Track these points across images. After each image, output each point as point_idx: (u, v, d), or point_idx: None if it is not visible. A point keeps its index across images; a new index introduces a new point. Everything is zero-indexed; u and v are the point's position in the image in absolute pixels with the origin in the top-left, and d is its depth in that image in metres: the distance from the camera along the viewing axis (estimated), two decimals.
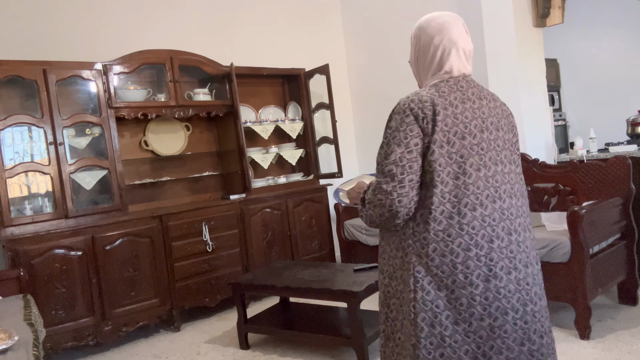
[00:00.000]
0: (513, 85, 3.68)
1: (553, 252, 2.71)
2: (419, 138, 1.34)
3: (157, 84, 3.83)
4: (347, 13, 5.22)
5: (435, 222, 1.34)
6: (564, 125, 6.17)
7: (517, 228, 1.40)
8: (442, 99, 1.38)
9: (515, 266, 1.38)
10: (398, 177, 1.34)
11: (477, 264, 1.33)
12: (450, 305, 1.34)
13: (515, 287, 1.36)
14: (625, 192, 3.00)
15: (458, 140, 1.35)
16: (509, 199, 1.41)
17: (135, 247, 3.36)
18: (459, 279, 1.33)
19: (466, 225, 1.34)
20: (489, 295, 1.33)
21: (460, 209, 1.34)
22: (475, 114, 1.40)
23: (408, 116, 1.36)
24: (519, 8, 3.67)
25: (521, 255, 1.40)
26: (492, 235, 1.35)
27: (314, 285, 2.73)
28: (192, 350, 3.13)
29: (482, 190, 1.36)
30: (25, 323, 2.03)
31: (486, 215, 1.35)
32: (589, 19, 6.01)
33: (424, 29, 1.47)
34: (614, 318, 2.87)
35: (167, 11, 4.11)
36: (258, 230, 3.98)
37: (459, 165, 1.35)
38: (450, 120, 1.35)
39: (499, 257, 1.35)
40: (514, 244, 1.38)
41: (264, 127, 4.30)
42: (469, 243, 1.34)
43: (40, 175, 3.25)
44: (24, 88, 3.26)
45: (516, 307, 1.36)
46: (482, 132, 1.39)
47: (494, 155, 1.40)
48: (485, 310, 1.33)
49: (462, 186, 1.35)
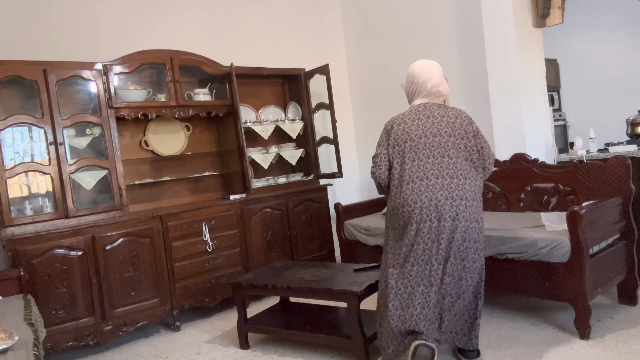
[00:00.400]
0: (513, 85, 3.69)
1: (553, 252, 2.71)
2: (386, 142, 2.47)
3: (157, 84, 3.83)
4: (347, 13, 5.23)
5: (392, 188, 2.44)
6: (563, 125, 6.17)
7: (439, 197, 2.31)
8: (399, 119, 2.47)
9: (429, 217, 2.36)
10: (378, 164, 2.48)
11: (404, 214, 2.36)
12: (394, 231, 2.44)
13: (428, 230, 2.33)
14: (625, 192, 3.01)
15: (402, 143, 2.40)
16: (434, 179, 2.33)
17: (136, 247, 3.37)
18: (397, 221, 2.41)
19: (403, 192, 2.37)
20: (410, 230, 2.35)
21: (401, 183, 2.38)
22: (419, 127, 2.39)
23: (385, 130, 2.51)
24: (518, 8, 3.67)
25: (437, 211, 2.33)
26: (416, 199, 2.33)
27: (314, 285, 2.73)
28: (192, 350, 3.13)
29: (414, 172, 2.35)
30: (25, 323, 2.03)
31: (415, 188, 2.34)
32: (589, 19, 6.01)
33: (408, 75, 2.54)
34: (614, 318, 2.87)
35: (167, 11, 4.11)
36: (258, 230, 3.98)
37: (401, 158, 2.40)
38: (400, 132, 2.42)
39: (420, 212, 2.32)
40: (433, 206, 2.30)
41: (264, 127, 4.30)
42: (403, 202, 2.36)
43: (41, 175, 3.25)
44: (24, 88, 3.26)
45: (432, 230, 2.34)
46: (420, 138, 2.38)
47: (427, 152, 2.36)
48: (410, 234, 2.35)
49: (402, 170, 2.39)
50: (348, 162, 5.16)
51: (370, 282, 2.67)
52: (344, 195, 5.05)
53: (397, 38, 4.71)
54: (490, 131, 3.91)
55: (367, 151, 5.22)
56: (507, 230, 3.00)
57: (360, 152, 5.31)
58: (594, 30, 6.07)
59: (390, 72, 4.83)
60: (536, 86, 3.80)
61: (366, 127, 5.20)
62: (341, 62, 5.26)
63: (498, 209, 3.74)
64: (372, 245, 3.76)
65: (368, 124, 5.16)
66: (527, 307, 3.19)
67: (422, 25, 4.46)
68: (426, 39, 4.44)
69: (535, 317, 3.02)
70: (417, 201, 2.31)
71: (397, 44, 4.72)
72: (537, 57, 3.83)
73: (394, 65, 4.78)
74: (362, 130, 5.25)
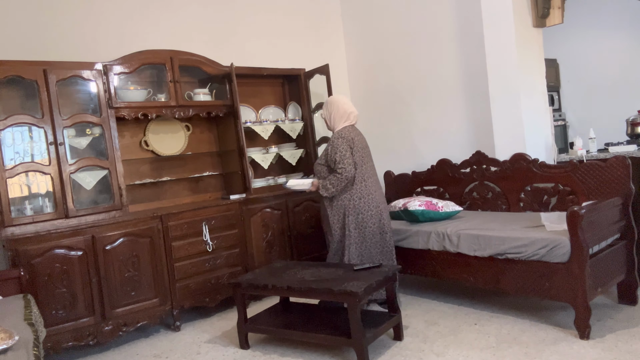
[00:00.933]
0: (513, 85, 3.69)
1: (553, 252, 2.71)
2: (350, 150, 3.23)
3: (157, 84, 3.83)
4: (347, 13, 5.23)
5: (357, 183, 3.25)
6: (563, 125, 6.17)
7: (377, 189, 3.32)
8: (351, 134, 3.30)
9: (380, 201, 3.33)
10: (349, 165, 3.19)
11: (371, 200, 3.26)
12: (357, 219, 3.25)
13: (380, 212, 3.29)
14: (625, 192, 3.01)
15: (356, 152, 3.26)
16: (369, 178, 3.29)
17: (136, 247, 3.37)
18: (361, 209, 3.25)
19: (364, 188, 3.25)
20: (370, 214, 3.26)
21: (362, 180, 3.26)
22: (360, 142, 3.33)
23: (344, 140, 3.24)
24: (518, 8, 3.67)
25: (380, 199, 3.32)
26: (375, 189, 3.30)
27: (314, 285, 2.73)
28: (192, 350, 3.13)
29: (364, 173, 3.27)
30: (25, 323, 2.03)
31: (369, 184, 3.28)
32: (589, 19, 6.01)
33: (336, 105, 3.41)
34: (614, 318, 2.87)
35: (167, 11, 4.11)
36: (258, 230, 3.98)
37: (358, 161, 3.25)
38: (356, 143, 3.28)
39: (380, 198, 3.32)
40: (379, 196, 3.31)
41: (264, 127, 4.30)
42: (369, 191, 3.26)
43: (41, 175, 3.25)
44: (24, 88, 3.26)
45: (380, 220, 3.30)
46: (363, 149, 3.31)
47: (366, 159, 3.32)
48: (369, 221, 3.26)
49: (362, 170, 3.26)
50: None
51: (370, 282, 2.67)
52: None
53: (397, 38, 4.71)
54: (490, 131, 3.91)
55: None
56: (507, 230, 3.00)
57: None
58: (594, 30, 6.06)
59: (390, 72, 4.83)
60: (536, 86, 3.80)
61: (366, 127, 5.19)
62: (341, 62, 5.26)
63: (498, 209, 3.74)
64: None
65: (368, 124, 5.16)
66: (527, 307, 3.20)
67: (422, 25, 4.46)
68: (426, 39, 4.44)
69: (535, 317, 3.02)
70: (376, 190, 3.32)
71: (397, 44, 4.72)
72: (537, 57, 3.83)
73: (394, 65, 4.78)
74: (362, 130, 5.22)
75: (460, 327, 3.00)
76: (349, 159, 3.18)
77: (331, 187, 3.21)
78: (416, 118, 4.66)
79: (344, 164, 3.16)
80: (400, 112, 4.80)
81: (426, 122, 4.57)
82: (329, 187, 3.21)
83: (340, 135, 3.26)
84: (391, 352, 2.77)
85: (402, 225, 3.61)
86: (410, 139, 4.74)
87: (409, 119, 4.72)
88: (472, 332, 2.91)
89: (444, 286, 3.81)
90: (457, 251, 3.21)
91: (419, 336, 2.94)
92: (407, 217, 3.64)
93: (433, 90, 4.47)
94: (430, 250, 3.39)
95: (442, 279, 3.38)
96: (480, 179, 3.85)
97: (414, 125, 4.69)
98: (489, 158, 3.79)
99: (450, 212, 3.56)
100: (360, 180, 3.24)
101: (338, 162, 3.18)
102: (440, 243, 3.30)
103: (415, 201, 3.61)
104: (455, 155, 4.15)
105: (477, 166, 3.87)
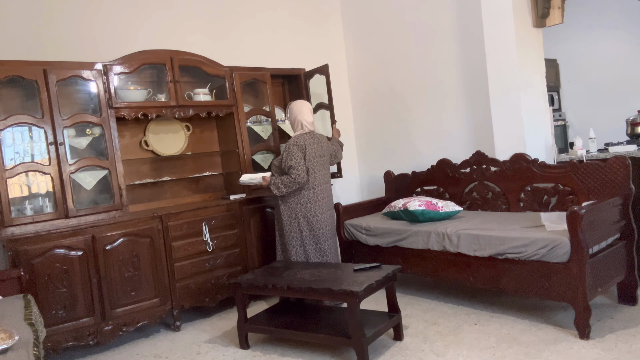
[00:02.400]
0: (513, 85, 3.69)
1: (553, 252, 2.71)
2: (303, 157, 3.44)
3: (157, 84, 3.83)
4: (347, 13, 5.23)
5: (307, 189, 3.48)
6: (563, 125, 6.18)
7: (325, 197, 3.55)
8: (306, 141, 3.48)
9: (326, 207, 3.59)
10: (301, 171, 3.40)
11: (320, 207, 3.51)
12: (308, 223, 3.50)
13: (327, 217, 3.57)
14: (625, 192, 3.01)
15: (312, 159, 3.47)
16: (322, 185, 3.54)
17: (136, 247, 3.37)
18: (311, 212, 3.50)
19: (314, 194, 3.49)
20: (319, 218, 3.51)
21: (314, 186, 3.50)
22: (317, 150, 3.52)
23: (298, 147, 3.44)
24: (518, 8, 3.67)
25: (329, 204, 3.61)
26: (318, 197, 3.51)
27: (314, 285, 2.73)
28: (192, 350, 3.13)
29: (316, 179, 3.50)
30: (25, 323, 2.03)
31: (318, 191, 3.51)
32: (589, 19, 6.01)
33: (296, 110, 3.60)
34: (614, 318, 2.87)
35: (167, 11, 4.11)
36: (258, 230, 3.98)
37: (309, 168, 3.46)
38: (310, 151, 3.47)
39: (328, 204, 3.60)
40: (326, 203, 3.57)
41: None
42: (317, 198, 3.51)
43: (41, 175, 3.25)
44: (24, 88, 3.26)
45: (327, 221, 3.58)
46: (314, 158, 3.50)
47: (320, 167, 3.54)
48: (318, 222, 3.52)
49: (314, 178, 3.49)
50: (348, 162, 5.16)
51: (370, 282, 2.67)
52: (344, 195, 5.06)
53: (397, 38, 4.71)
54: (490, 131, 3.91)
55: (366, 151, 5.22)
56: (507, 230, 3.00)
57: (360, 152, 5.31)
58: (594, 30, 6.07)
59: (390, 72, 4.83)
60: (536, 86, 3.80)
61: (366, 127, 5.20)
62: (341, 62, 5.26)
63: (498, 209, 3.74)
64: (372, 245, 3.76)
65: (368, 124, 5.16)
66: (527, 307, 3.20)
67: (422, 25, 4.46)
68: (426, 39, 4.45)
69: (535, 317, 3.02)
70: (324, 198, 3.55)
71: (397, 44, 4.72)
72: (537, 57, 3.83)
73: (394, 66, 4.78)
74: (362, 130, 5.25)
75: (460, 327, 3.00)
76: (303, 166, 3.40)
77: (283, 187, 3.42)
78: (416, 118, 4.66)
79: (298, 170, 3.38)
80: (400, 112, 4.80)
81: (426, 122, 4.57)
82: (281, 186, 3.42)
83: (295, 142, 3.46)
84: (391, 352, 2.77)
85: (402, 225, 3.61)
86: (410, 138, 4.74)
87: (409, 119, 4.72)
88: (472, 332, 2.91)
89: (443, 286, 3.81)
90: (457, 251, 3.21)
91: (419, 336, 2.94)
92: (407, 217, 3.64)
93: (433, 90, 4.47)
94: (430, 250, 3.39)
95: (442, 279, 3.38)
96: (480, 179, 3.85)
97: (413, 125, 4.69)
98: (489, 158, 3.79)
99: (450, 212, 3.56)
100: (310, 187, 3.48)
101: (293, 167, 3.38)
102: (440, 243, 3.30)
103: (415, 201, 3.61)
104: (455, 155, 4.15)
105: (477, 166, 3.87)
